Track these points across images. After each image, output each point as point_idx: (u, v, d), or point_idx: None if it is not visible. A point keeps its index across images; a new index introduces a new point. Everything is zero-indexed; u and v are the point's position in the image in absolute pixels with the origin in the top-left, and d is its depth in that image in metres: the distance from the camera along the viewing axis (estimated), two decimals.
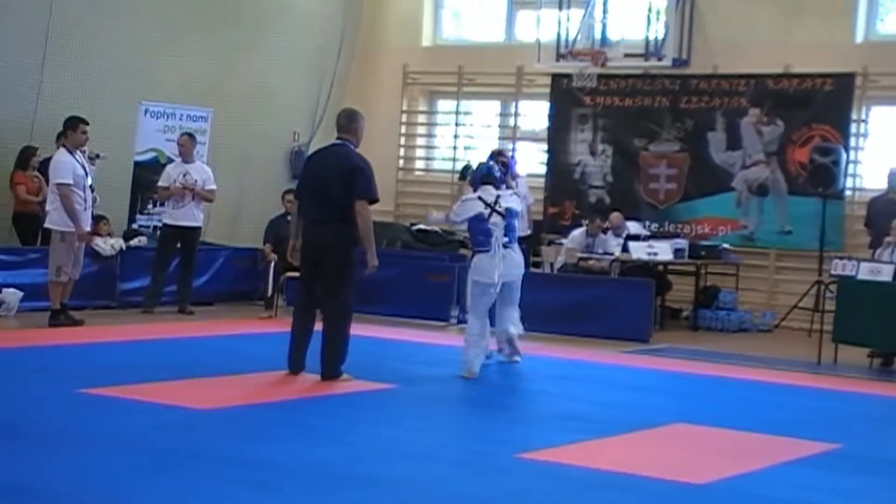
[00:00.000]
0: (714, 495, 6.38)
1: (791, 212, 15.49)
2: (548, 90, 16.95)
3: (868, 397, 10.41)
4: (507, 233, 10.04)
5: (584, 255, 14.69)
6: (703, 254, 15.02)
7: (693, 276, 15.13)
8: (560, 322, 13.11)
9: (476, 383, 9.73)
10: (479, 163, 10.62)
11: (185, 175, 13.73)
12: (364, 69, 18.15)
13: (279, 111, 16.97)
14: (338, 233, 9.10)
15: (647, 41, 15.96)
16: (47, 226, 11.87)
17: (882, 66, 15.04)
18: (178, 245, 13.74)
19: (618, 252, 14.56)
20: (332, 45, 17.71)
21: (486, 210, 9.99)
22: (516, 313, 10.52)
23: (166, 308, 13.55)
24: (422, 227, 16.39)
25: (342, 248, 9.13)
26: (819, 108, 15.36)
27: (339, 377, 9.20)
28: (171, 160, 14.38)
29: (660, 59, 15.86)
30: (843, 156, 14.79)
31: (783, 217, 15.58)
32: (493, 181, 10.20)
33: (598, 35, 16.12)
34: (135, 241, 14.11)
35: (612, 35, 16.09)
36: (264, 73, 16.56)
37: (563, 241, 15.25)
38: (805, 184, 15.13)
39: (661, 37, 15.92)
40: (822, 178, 14.67)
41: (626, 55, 15.88)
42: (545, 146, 17.13)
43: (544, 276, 14.62)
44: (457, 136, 17.90)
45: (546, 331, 12.91)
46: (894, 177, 13.56)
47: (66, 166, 11.61)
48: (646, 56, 15.95)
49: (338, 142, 9.41)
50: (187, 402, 8.02)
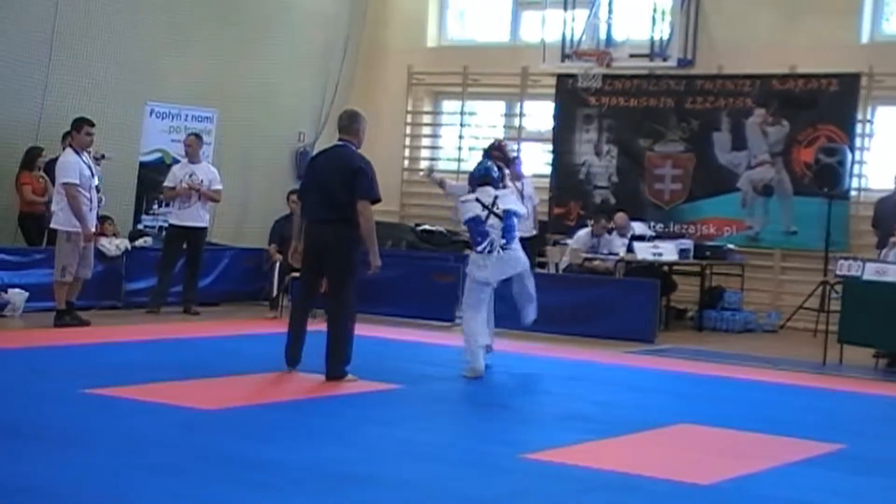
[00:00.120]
0: (718, 496, 6.38)
1: (796, 212, 15.48)
2: (553, 90, 16.94)
3: (873, 398, 10.40)
4: (505, 234, 9.99)
5: (589, 256, 14.68)
6: (708, 254, 15.00)
7: (698, 277, 15.12)
8: (565, 322, 13.12)
9: (480, 383, 9.73)
10: (481, 164, 10.40)
11: (191, 175, 13.75)
12: (369, 70, 18.16)
13: (284, 112, 16.99)
14: (340, 233, 9.13)
15: (652, 41, 15.95)
16: (53, 226, 11.89)
17: (887, 67, 15.03)
18: (184, 245, 13.77)
19: (623, 252, 14.55)
20: (337, 45, 17.73)
21: (484, 212, 9.94)
22: (531, 307, 10.41)
23: (171, 308, 13.57)
24: (426, 227, 16.40)
25: (344, 247, 9.16)
26: (824, 108, 15.34)
27: (344, 377, 9.21)
28: (176, 161, 14.41)
29: (665, 60, 15.85)
30: (849, 156, 14.77)
31: (788, 217, 15.56)
32: (491, 182, 10.13)
33: (603, 35, 16.11)
34: (140, 242, 14.13)
35: (617, 35, 16.08)
36: (269, 73, 16.58)
37: (568, 241, 15.25)
38: (810, 184, 15.12)
39: (666, 37, 15.90)
40: (828, 179, 14.65)
41: (631, 55, 15.87)
42: (550, 146, 17.13)
43: (549, 277, 14.60)
44: (462, 137, 17.90)
45: (551, 331, 12.92)
46: None
47: (73, 166, 11.65)
48: (651, 56, 15.94)
49: (339, 143, 9.45)
50: (192, 403, 8.03)
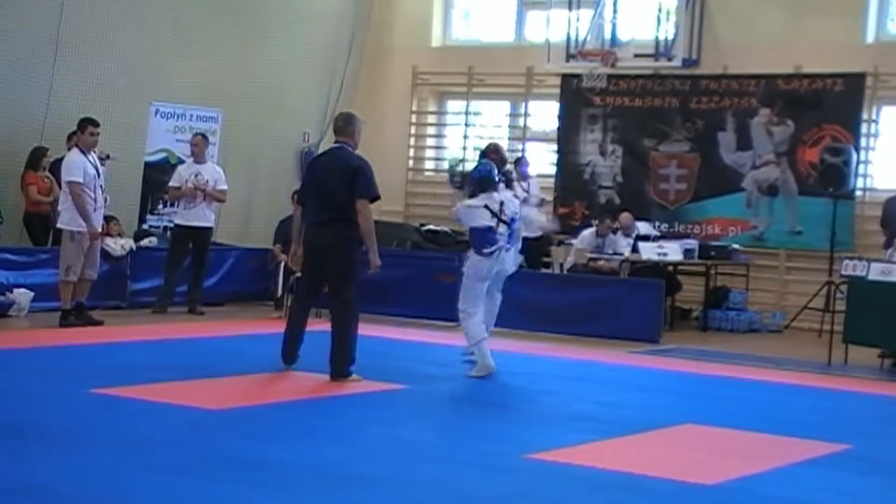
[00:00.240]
0: (723, 496, 6.37)
1: (801, 212, 15.46)
2: (557, 90, 16.94)
3: (878, 398, 10.39)
4: (509, 239, 10.15)
5: (594, 256, 14.68)
6: (713, 254, 14.99)
7: (703, 277, 15.11)
8: (569, 322, 13.12)
9: (484, 383, 9.73)
10: (482, 165, 10.24)
11: (196, 175, 13.75)
12: (374, 70, 18.16)
13: (289, 112, 16.99)
14: (340, 233, 9.19)
15: (657, 41, 15.95)
16: (59, 226, 11.91)
17: (892, 66, 15.02)
18: (190, 245, 13.77)
19: (627, 252, 14.55)
20: (341, 45, 17.73)
21: (493, 220, 9.96)
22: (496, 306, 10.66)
23: (177, 308, 13.58)
24: (431, 227, 16.40)
25: (344, 247, 9.22)
26: (829, 108, 15.33)
27: (348, 377, 9.23)
28: (181, 161, 14.42)
29: (670, 60, 15.84)
30: (854, 156, 14.76)
31: (793, 217, 15.55)
32: (493, 185, 10.07)
33: (607, 35, 16.11)
34: (145, 242, 14.14)
35: (622, 35, 16.08)
36: (274, 73, 16.58)
37: (573, 241, 15.23)
38: (815, 184, 15.11)
39: (671, 37, 15.90)
40: (833, 179, 14.64)
41: (636, 55, 15.88)
42: (555, 146, 17.12)
43: (554, 277, 14.62)
44: (466, 137, 17.89)
45: (555, 331, 12.92)
46: None
47: (77, 165, 11.68)
48: (656, 56, 15.94)
49: (336, 145, 9.54)
50: (196, 403, 8.03)
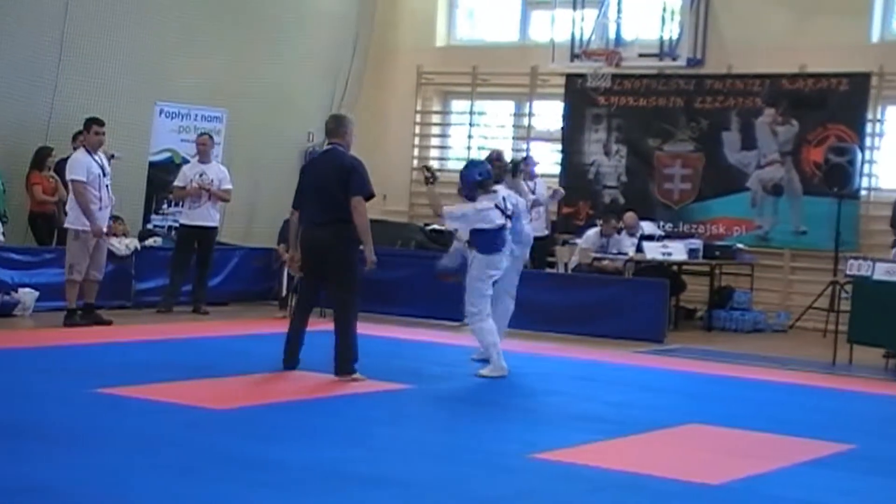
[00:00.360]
0: (728, 496, 6.37)
1: (806, 212, 15.45)
2: (562, 90, 16.93)
3: (883, 398, 10.38)
4: (513, 236, 10.25)
5: (599, 256, 14.67)
6: (717, 254, 14.98)
7: (707, 277, 15.10)
8: (574, 322, 13.12)
9: (489, 383, 9.73)
10: (474, 165, 10.31)
11: (201, 175, 13.75)
12: (378, 69, 18.16)
13: (293, 111, 16.99)
14: (338, 233, 9.23)
15: (662, 41, 15.94)
16: (65, 225, 11.94)
17: None
18: (195, 245, 13.78)
19: (632, 252, 14.53)
20: (346, 45, 17.73)
21: (503, 219, 10.03)
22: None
23: (181, 308, 13.58)
24: (435, 227, 16.38)
25: (343, 247, 9.27)
26: (834, 107, 15.31)
27: (353, 374, 9.24)
28: (185, 160, 14.43)
29: (674, 59, 15.84)
30: (859, 155, 14.75)
31: (798, 217, 15.54)
32: (489, 184, 10.08)
33: (612, 35, 16.11)
34: (149, 242, 14.15)
35: (627, 35, 16.08)
36: (279, 73, 16.59)
37: (578, 241, 15.23)
38: (820, 184, 15.09)
39: (675, 37, 15.89)
40: (838, 178, 14.63)
41: (641, 55, 15.87)
42: (559, 146, 17.12)
43: (558, 277, 14.61)
44: (471, 137, 17.90)
45: (560, 331, 12.92)
46: None
47: (80, 164, 11.72)
48: (660, 56, 15.93)
49: (328, 147, 9.64)
50: (200, 402, 8.04)
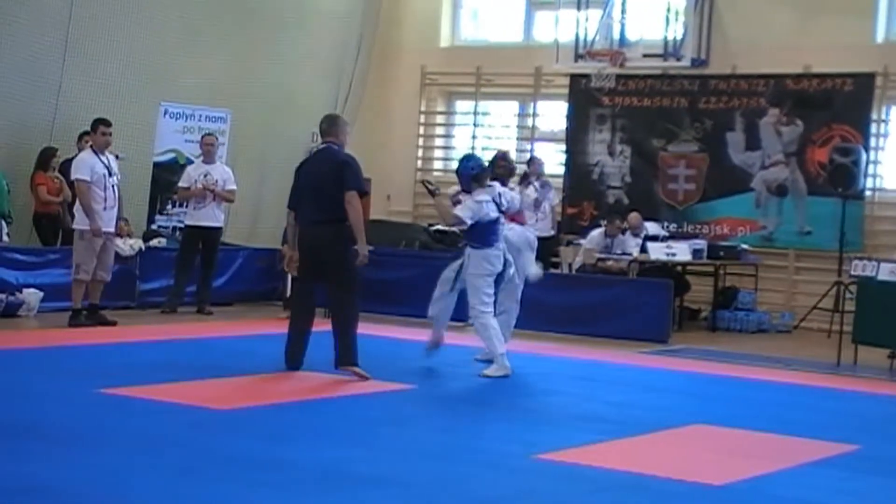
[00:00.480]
0: (732, 496, 6.36)
1: (810, 212, 15.44)
2: (566, 91, 16.93)
3: (888, 398, 10.37)
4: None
5: (603, 256, 14.67)
6: (721, 254, 14.97)
7: (712, 277, 15.09)
8: (578, 323, 13.11)
9: (492, 384, 9.73)
10: (468, 160, 10.46)
11: (205, 175, 13.76)
12: (382, 70, 18.17)
13: (298, 112, 16.97)
14: (336, 232, 9.28)
15: (666, 41, 15.93)
16: (73, 226, 11.96)
17: None
18: (200, 245, 13.78)
19: (636, 253, 14.53)
20: (350, 45, 17.73)
21: (498, 213, 10.10)
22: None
23: (185, 308, 13.59)
24: (439, 227, 16.38)
25: (341, 246, 9.31)
26: (839, 108, 15.30)
27: (353, 365, 9.27)
28: (190, 161, 14.44)
29: (678, 60, 15.83)
30: (864, 156, 14.74)
31: (803, 217, 15.53)
32: (483, 177, 10.19)
33: (616, 35, 16.09)
34: (154, 242, 14.16)
35: (631, 35, 16.06)
36: (283, 73, 16.59)
37: (582, 241, 15.23)
38: (825, 184, 15.09)
39: (679, 37, 15.88)
40: (842, 179, 14.62)
41: (645, 55, 15.85)
42: (563, 147, 17.12)
43: (562, 277, 14.60)
44: (475, 137, 17.90)
45: (564, 331, 12.91)
46: None
47: (84, 164, 11.76)
48: (664, 56, 15.92)
49: (322, 145, 9.69)
50: (204, 403, 8.04)
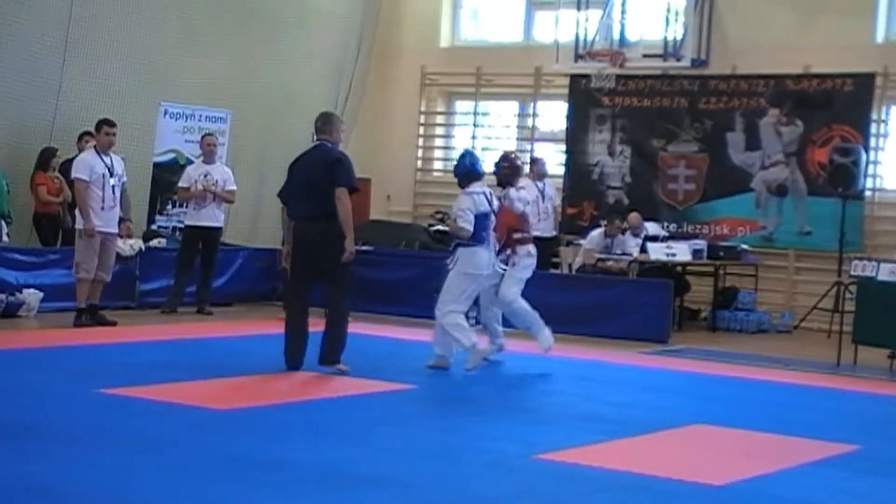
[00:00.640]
0: (733, 496, 6.37)
1: (810, 212, 15.44)
2: (566, 91, 16.92)
3: (888, 398, 10.37)
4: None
5: (603, 256, 14.67)
6: (721, 254, 14.97)
7: (712, 277, 15.09)
8: (578, 323, 13.10)
9: (493, 384, 9.73)
10: (462, 155, 10.61)
11: (205, 176, 13.75)
12: (382, 70, 18.17)
13: (297, 112, 16.94)
14: (328, 227, 9.36)
15: (666, 42, 15.92)
16: (75, 226, 11.97)
17: None
18: (200, 245, 13.78)
19: (636, 253, 14.53)
20: (350, 46, 17.73)
21: (490, 210, 10.18)
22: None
23: (185, 308, 13.59)
24: (439, 227, 16.39)
25: (335, 241, 9.37)
26: (839, 108, 15.30)
27: (338, 364, 9.46)
28: (189, 161, 14.43)
29: (678, 60, 15.82)
30: (863, 156, 14.74)
31: (803, 218, 15.53)
32: (479, 177, 10.29)
33: (616, 36, 16.09)
34: (154, 242, 14.15)
35: (631, 35, 16.06)
36: (283, 74, 16.59)
37: (582, 241, 15.23)
38: (825, 184, 15.08)
39: (679, 37, 15.88)
40: (842, 179, 14.62)
41: (645, 56, 15.85)
42: (563, 147, 17.12)
43: (562, 277, 14.61)
44: (475, 137, 17.90)
45: (564, 332, 12.85)
46: None
47: (84, 164, 11.79)
48: (664, 56, 15.91)
49: (317, 143, 9.82)
50: (205, 403, 8.04)
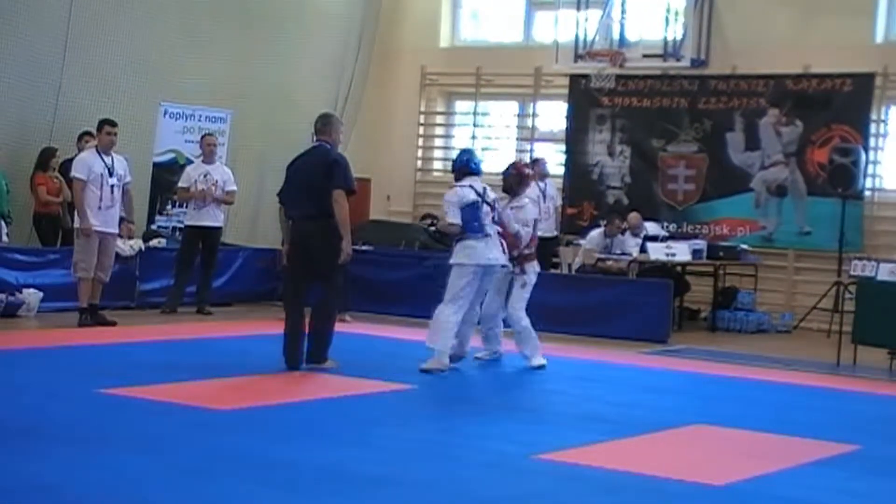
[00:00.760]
0: (733, 497, 6.37)
1: (810, 212, 15.44)
2: (566, 91, 16.93)
3: (888, 398, 10.38)
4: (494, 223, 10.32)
5: (603, 256, 14.67)
6: (721, 254, 14.98)
7: (711, 277, 15.10)
8: (578, 323, 13.12)
9: (493, 384, 9.74)
10: (460, 153, 10.80)
11: (205, 176, 13.74)
12: (382, 70, 18.17)
13: (298, 112, 16.94)
14: (326, 227, 9.42)
15: (666, 42, 15.93)
16: (74, 225, 11.98)
17: None
18: (200, 245, 13.78)
19: (636, 253, 14.53)
20: (350, 46, 17.73)
21: (478, 199, 10.14)
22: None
23: (185, 308, 13.59)
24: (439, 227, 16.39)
25: (333, 240, 9.43)
26: (838, 108, 15.31)
27: (323, 362, 9.56)
28: (189, 161, 14.43)
29: (678, 60, 15.83)
30: (863, 156, 14.75)
31: (802, 218, 15.53)
32: (475, 172, 10.31)
33: (616, 36, 16.10)
34: (154, 242, 14.15)
35: (631, 35, 16.07)
36: (283, 74, 16.59)
37: (582, 241, 15.24)
38: (824, 184, 15.09)
39: (679, 37, 15.89)
40: (842, 179, 14.63)
41: (645, 56, 15.86)
42: (563, 147, 17.12)
43: (562, 277, 14.61)
44: (475, 137, 17.91)
45: (564, 332, 12.91)
46: None
47: (83, 163, 11.82)
48: (664, 56, 15.92)
49: (315, 143, 9.87)
50: (205, 403, 8.05)
